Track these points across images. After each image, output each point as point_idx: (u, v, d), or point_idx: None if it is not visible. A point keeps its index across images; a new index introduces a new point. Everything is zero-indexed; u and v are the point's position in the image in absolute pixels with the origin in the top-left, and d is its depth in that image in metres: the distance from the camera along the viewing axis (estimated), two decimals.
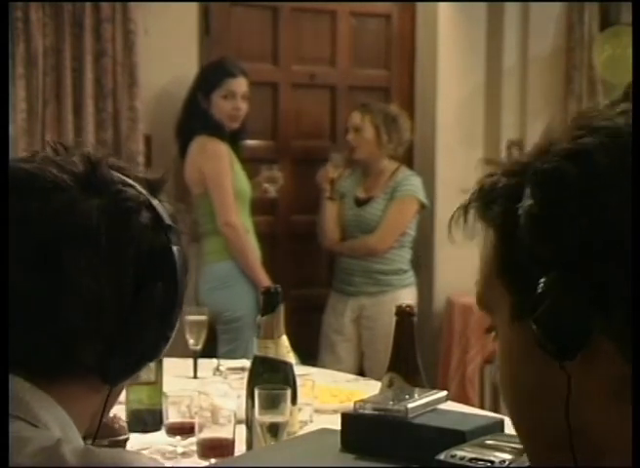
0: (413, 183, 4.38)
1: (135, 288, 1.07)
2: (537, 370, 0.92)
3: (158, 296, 1.09)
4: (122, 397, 2.25)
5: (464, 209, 0.95)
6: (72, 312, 1.04)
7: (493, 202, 0.93)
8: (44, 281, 1.04)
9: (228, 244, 4.02)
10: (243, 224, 4.04)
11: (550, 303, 0.86)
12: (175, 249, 1.11)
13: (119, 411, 2.28)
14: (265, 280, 3.90)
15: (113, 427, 1.97)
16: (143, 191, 1.11)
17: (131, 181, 1.11)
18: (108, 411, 1.15)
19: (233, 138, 4.16)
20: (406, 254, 4.41)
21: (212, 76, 4.15)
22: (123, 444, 1.98)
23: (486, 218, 0.94)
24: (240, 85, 4.16)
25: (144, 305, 1.08)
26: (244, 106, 4.17)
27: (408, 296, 4.24)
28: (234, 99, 4.14)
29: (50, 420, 1.04)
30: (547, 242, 0.87)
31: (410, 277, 4.41)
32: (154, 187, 1.14)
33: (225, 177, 4.02)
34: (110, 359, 1.07)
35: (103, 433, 1.04)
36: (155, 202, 1.12)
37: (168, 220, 1.12)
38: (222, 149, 4.06)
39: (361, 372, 4.04)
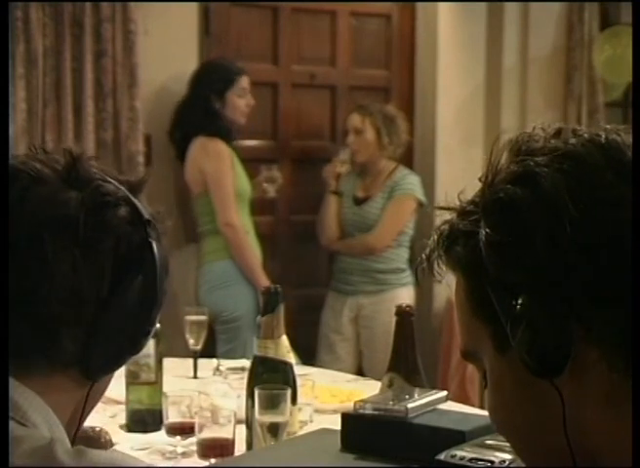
0: (411, 182, 4.37)
1: (113, 280, 1.09)
2: (531, 397, 0.92)
3: (137, 289, 1.10)
4: (122, 397, 2.27)
5: (427, 258, 0.97)
6: (51, 299, 1.06)
7: (454, 244, 0.94)
8: (24, 268, 1.06)
9: (228, 244, 4.01)
10: (243, 225, 4.04)
11: (527, 324, 0.87)
12: (154, 244, 1.12)
13: (119, 413, 2.29)
14: (264, 281, 3.89)
15: (99, 441, 1.96)
16: (122, 188, 1.13)
17: (110, 178, 1.13)
18: (90, 410, 1.16)
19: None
20: (404, 253, 4.40)
21: (225, 75, 4.16)
22: None
23: (451, 262, 0.95)
24: (248, 81, 4.22)
25: (123, 298, 1.09)
26: (252, 102, 4.22)
27: (406, 295, 4.24)
28: (246, 96, 4.20)
29: (38, 419, 1.05)
30: (510, 265, 0.89)
31: (408, 276, 4.40)
32: (134, 189, 1.16)
33: (227, 177, 4.02)
34: (90, 351, 1.08)
35: (89, 447, 1.03)
36: (134, 199, 1.14)
37: (147, 216, 1.13)
38: (224, 149, 4.06)
39: (360, 371, 4.04)
